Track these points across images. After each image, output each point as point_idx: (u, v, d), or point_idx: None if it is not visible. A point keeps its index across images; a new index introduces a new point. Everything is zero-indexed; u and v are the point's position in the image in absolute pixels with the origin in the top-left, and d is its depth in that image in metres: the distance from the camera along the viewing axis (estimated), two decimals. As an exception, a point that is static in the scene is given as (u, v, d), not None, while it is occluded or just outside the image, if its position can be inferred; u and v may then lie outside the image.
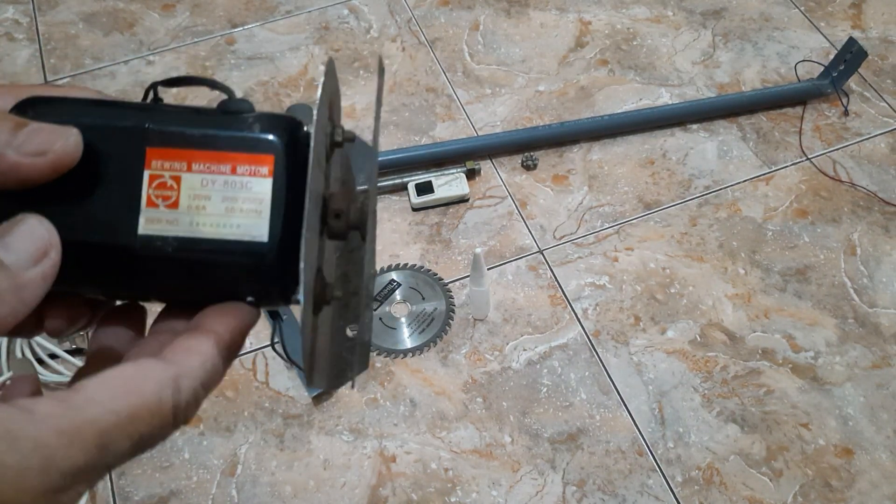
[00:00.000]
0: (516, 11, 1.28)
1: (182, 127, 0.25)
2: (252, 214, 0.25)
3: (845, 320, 0.94)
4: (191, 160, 0.25)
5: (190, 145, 0.25)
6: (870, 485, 0.82)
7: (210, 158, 0.25)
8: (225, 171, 0.25)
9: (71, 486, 0.20)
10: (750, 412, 0.87)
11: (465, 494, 0.82)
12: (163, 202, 0.25)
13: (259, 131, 0.25)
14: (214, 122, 0.26)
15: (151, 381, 0.22)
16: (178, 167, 0.25)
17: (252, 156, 0.25)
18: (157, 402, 0.22)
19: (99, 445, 0.20)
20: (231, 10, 1.29)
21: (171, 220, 0.25)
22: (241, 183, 0.25)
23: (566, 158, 1.09)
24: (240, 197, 0.25)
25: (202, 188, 0.25)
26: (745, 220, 1.03)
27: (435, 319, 0.94)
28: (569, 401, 0.88)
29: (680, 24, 1.26)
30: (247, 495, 0.83)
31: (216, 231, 0.25)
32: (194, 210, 0.25)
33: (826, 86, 1.13)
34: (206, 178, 0.25)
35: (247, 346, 0.93)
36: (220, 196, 0.25)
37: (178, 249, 0.25)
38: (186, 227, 0.25)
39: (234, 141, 0.25)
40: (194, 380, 0.23)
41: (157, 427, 0.22)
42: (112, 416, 0.21)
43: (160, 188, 0.25)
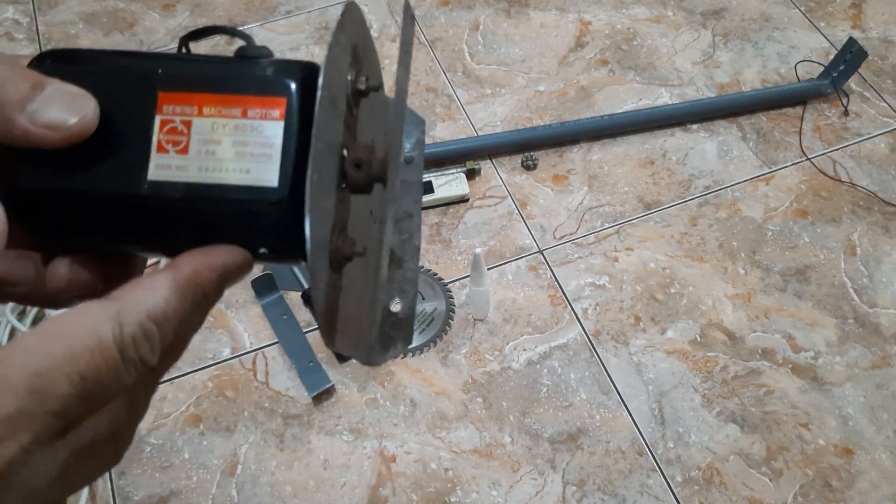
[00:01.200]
0: (516, 11, 1.28)
1: (194, 70, 0.25)
2: (262, 158, 0.24)
3: (845, 320, 0.94)
4: (202, 104, 0.24)
5: (201, 88, 0.24)
6: (870, 485, 0.82)
7: (221, 102, 0.24)
8: (236, 115, 0.24)
9: (9, 434, 0.19)
10: (750, 412, 0.87)
11: (465, 494, 0.82)
12: (173, 147, 0.24)
13: (272, 74, 0.25)
14: (229, 65, 0.25)
15: (88, 318, 0.21)
16: (188, 111, 0.24)
17: (264, 98, 0.24)
18: (96, 339, 0.20)
19: (31, 390, 0.19)
20: (231, 10, 1.29)
21: (181, 165, 0.24)
22: (252, 126, 0.24)
23: (566, 158, 1.09)
24: (250, 141, 0.24)
25: (212, 132, 0.24)
26: (745, 221, 1.03)
27: (435, 319, 0.94)
28: (569, 401, 0.88)
29: (680, 24, 1.26)
30: (247, 495, 0.83)
31: (225, 176, 0.24)
32: (204, 155, 0.24)
33: (826, 86, 1.13)
34: (217, 122, 0.24)
35: (247, 346, 0.93)
36: (231, 140, 0.24)
37: (186, 195, 0.24)
38: (196, 173, 0.24)
39: (246, 83, 0.24)
40: (138, 313, 0.21)
41: (102, 366, 0.20)
42: (44, 360, 0.20)
43: (171, 133, 0.24)
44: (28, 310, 0.94)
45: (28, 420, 0.19)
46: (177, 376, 0.90)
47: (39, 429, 0.20)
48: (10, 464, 0.19)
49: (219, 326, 0.94)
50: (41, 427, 0.20)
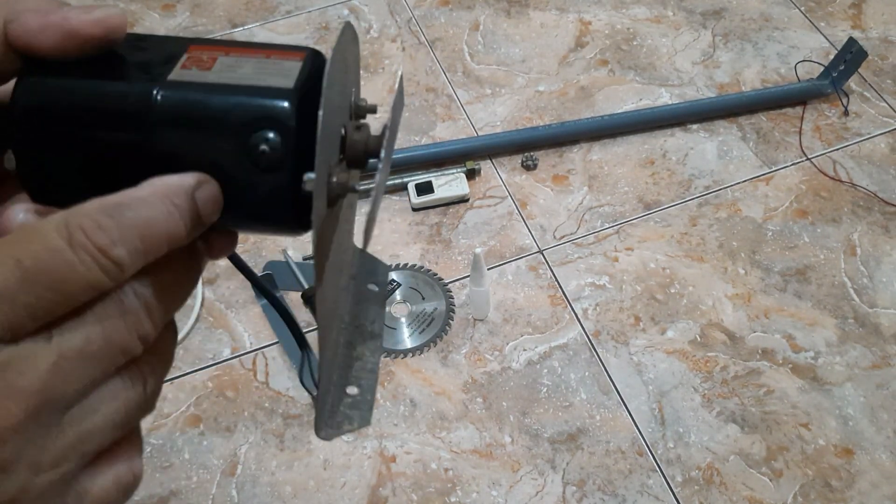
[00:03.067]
0: (516, 11, 1.28)
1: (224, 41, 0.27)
2: (279, 76, 0.25)
3: (845, 320, 0.94)
4: (229, 51, 0.26)
5: (230, 45, 0.27)
6: (870, 485, 0.82)
7: (247, 51, 0.26)
8: (259, 56, 0.26)
9: None
10: (750, 412, 0.87)
11: (465, 494, 0.82)
12: (196, 67, 0.25)
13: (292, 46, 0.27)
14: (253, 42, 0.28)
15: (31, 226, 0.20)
16: (216, 53, 0.26)
17: (285, 52, 0.27)
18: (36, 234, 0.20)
19: None
20: (231, 11, 1.29)
21: (202, 75, 0.25)
22: (274, 62, 0.26)
23: (566, 158, 1.09)
24: (270, 68, 0.26)
25: (236, 62, 0.26)
26: (745, 221, 1.03)
27: (435, 319, 0.94)
28: (569, 401, 0.88)
29: (680, 24, 1.26)
30: (247, 495, 0.83)
31: (243, 81, 0.25)
32: (226, 70, 0.25)
33: (826, 86, 1.13)
34: (241, 59, 0.26)
35: (246, 346, 0.93)
36: (252, 65, 0.26)
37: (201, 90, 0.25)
38: (215, 78, 0.25)
39: (269, 46, 0.27)
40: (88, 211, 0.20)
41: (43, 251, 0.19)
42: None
43: (195, 61, 0.25)
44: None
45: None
46: (177, 376, 0.90)
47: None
48: None
49: (219, 326, 0.94)
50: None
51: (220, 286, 0.98)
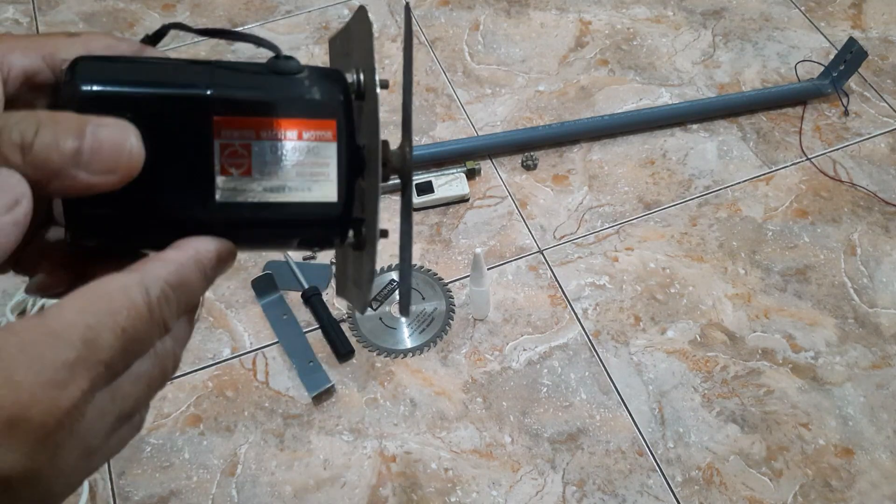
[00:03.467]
0: (516, 11, 1.28)
1: (244, 93, 0.26)
2: (321, 177, 0.27)
3: (845, 320, 0.94)
4: (258, 128, 0.26)
5: (255, 113, 0.26)
6: (870, 485, 0.82)
7: (277, 126, 0.26)
8: (292, 138, 0.26)
9: (69, 379, 0.21)
10: (750, 412, 0.87)
11: (465, 494, 0.82)
12: (236, 170, 0.26)
13: (318, 95, 0.27)
14: (274, 85, 0.27)
15: (118, 284, 0.23)
16: (247, 135, 0.26)
17: (316, 121, 0.27)
18: (128, 299, 0.23)
19: (84, 340, 0.22)
20: (231, 10, 1.29)
21: (245, 188, 0.26)
22: (308, 148, 0.26)
23: (566, 158, 1.09)
24: (308, 161, 0.26)
25: (272, 154, 0.26)
26: (745, 220, 1.03)
27: (435, 319, 0.94)
28: (569, 401, 0.88)
29: (680, 24, 1.26)
30: (247, 495, 0.83)
31: (289, 196, 0.27)
32: (267, 176, 0.26)
33: (826, 86, 1.13)
34: (275, 145, 0.26)
35: (247, 346, 0.93)
36: (290, 162, 0.26)
37: (253, 213, 0.26)
38: (260, 194, 0.26)
39: (296, 107, 0.26)
40: (159, 279, 0.24)
41: (137, 322, 0.23)
42: (89, 315, 0.22)
43: (231, 156, 0.26)
44: (28, 308, 0.94)
45: (84, 366, 0.22)
46: (177, 376, 0.90)
47: (94, 376, 0.22)
48: (71, 409, 0.21)
49: (219, 326, 0.94)
50: (95, 374, 0.22)
51: (219, 286, 0.98)
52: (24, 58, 0.26)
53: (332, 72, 0.28)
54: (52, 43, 0.27)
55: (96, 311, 0.22)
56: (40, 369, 0.21)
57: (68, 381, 0.21)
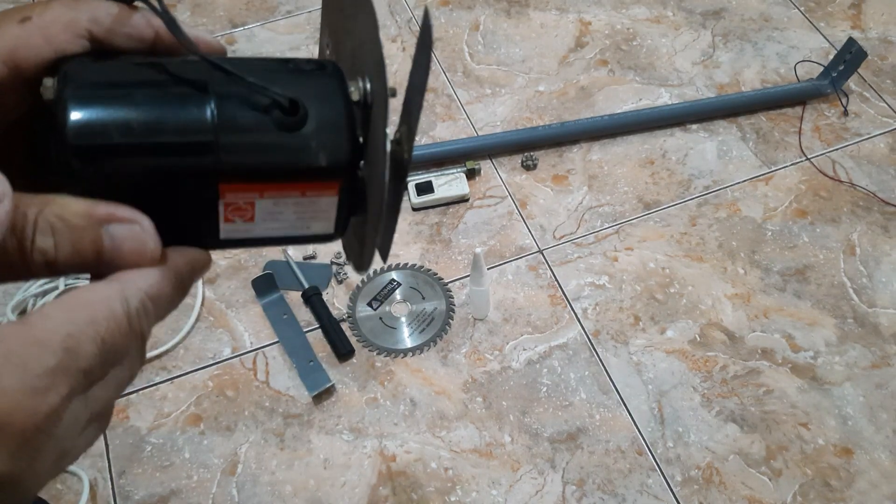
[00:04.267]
0: (516, 12, 1.28)
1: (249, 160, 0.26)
2: (321, 219, 0.28)
3: (844, 320, 0.94)
4: (263, 191, 0.27)
5: (260, 179, 0.27)
6: (869, 484, 0.82)
7: (281, 189, 0.27)
8: (295, 195, 0.27)
9: (50, 386, 0.22)
10: (749, 412, 0.87)
11: (465, 494, 0.82)
12: (239, 219, 0.27)
13: (324, 161, 0.27)
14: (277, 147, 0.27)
15: (100, 294, 0.24)
16: (251, 196, 0.27)
17: (319, 184, 0.27)
18: (109, 310, 0.24)
19: (66, 348, 0.22)
20: (231, 10, 1.29)
21: (248, 229, 0.28)
22: (311, 201, 0.28)
23: (566, 158, 1.10)
24: (309, 210, 0.28)
25: (275, 207, 0.27)
26: (744, 220, 1.03)
27: (435, 319, 0.94)
28: (568, 400, 0.88)
29: (680, 24, 1.26)
30: (247, 494, 0.83)
31: (288, 231, 0.28)
32: (269, 220, 0.28)
33: (826, 86, 1.14)
34: (279, 201, 0.27)
35: (247, 346, 0.93)
36: (292, 210, 0.28)
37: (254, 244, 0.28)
38: (262, 231, 0.28)
39: (301, 173, 0.27)
40: (139, 291, 0.25)
41: (116, 332, 0.24)
42: (71, 324, 0.23)
43: (235, 211, 0.27)
44: (29, 308, 0.94)
45: (65, 374, 0.22)
46: (177, 376, 0.91)
47: (73, 384, 0.22)
48: (49, 414, 0.22)
49: (219, 326, 0.95)
50: (74, 382, 0.22)
51: (220, 286, 0.98)
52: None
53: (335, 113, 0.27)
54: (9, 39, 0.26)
55: (78, 320, 0.23)
56: (23, 377, 0.21)
57: (49, 387, 0.22)
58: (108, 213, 0.24)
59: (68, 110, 0.24)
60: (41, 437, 0.22)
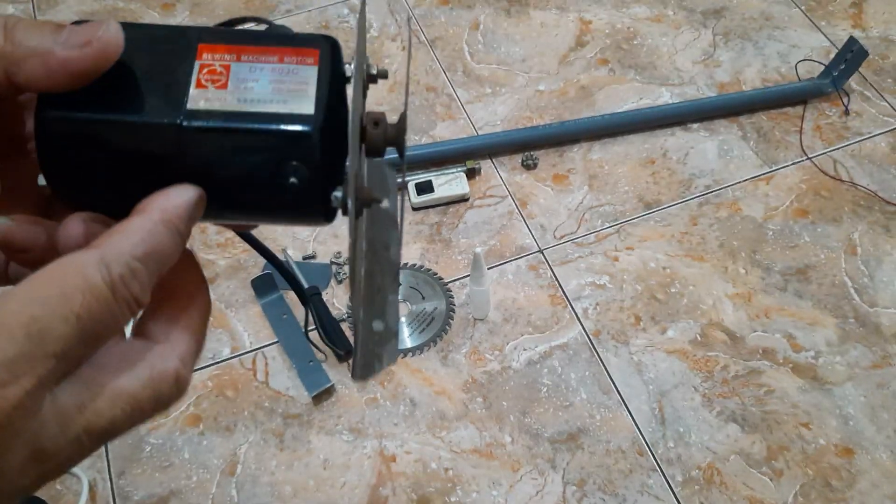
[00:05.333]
0: (516, 10, 1.28)
1: (232, 31, 0.27)
2: (298, 94, 0.26)
3: (846, 320, 0.94)
4: (240, 53, 0.26)
5: (240, 41, 0.26)
6: (870, 485, 0.82)
7: (258, 51, 0.26)
8: (273, 61, 0.26)
9: (9, 379, 0.19)
10: (750, 412, 0.87)
11: (466, 494, 0.82)
12: (212, 84, 0.26)
13: (303, 36, 0.27)
14: (263, 32, 0.27)
15: (74, 265, 0.21)
16: (227, 58, 0.26)
17: (299, 49, 0.26)
18: (85, 280, 0.21)
19: (28, 334, 0.20)
20: (231, 9, 1.29)
21: (220, 98, 0.25)
22: (288, 69, 0.26)
23: (566, 158, 1.09)
24: (286, 80, 0.26)
25: (250, 73, 0.26)
26: (745, 220, 1.03)
27: (435, 319, 0.94)
28: (569, 400, 0.88)
29: (680, 23, 1.26)
30: (247, 495, 0.82)
31: (263, 106, 0.26)
32: (242, 90, 0.26)
33: (827, 85, 1.13)
34: (255, 66, 0.26)
35: (246, 346, 0.93)
36: (268, 78, 0.26)
37: (224, 121, 0.25)
38: (234, 104, 0.25)
39: (281, 40, 0.27)
40: (122, 254, 0.22)
41: (94, 304, 0.21)
42: (38, 305, 0.20)
43: (209, 74, 0.26)
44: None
45: (29, 363, 0.20)
46: (176, 376, 0.90)
47: (42, 372, 0.20)
48: (15, 408, 0.19)
49: (219, 326, 0.94)
50: (43, 370, 0.20)
51: (219, 286, 0.98)
52: None
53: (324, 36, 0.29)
54: None
55: (45, 299, 0.20)
56: None
57: (8, 380, 0.19)
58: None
59: None
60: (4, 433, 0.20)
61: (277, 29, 0.28)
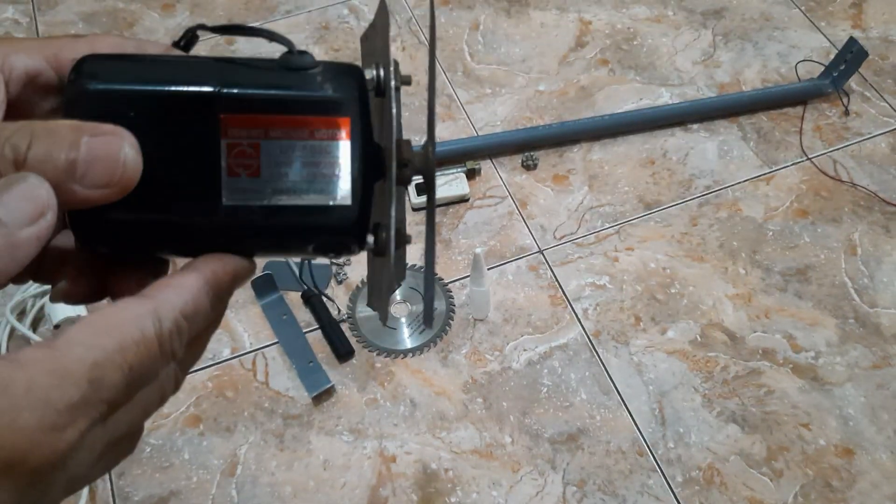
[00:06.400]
0: (516, 11, 1.28)
1: (254, 90, 0.25)
2: (334, 178, 0.25)
3: (846, 320, 0.94)
4: (268, 127, 0.24)
5: (265, 110, 0.25)
6: (870, 485, 0.82)
7: (287, 123, 0.25)
8: (303, 136, 0.25)
9: (70, 422, 0.20)
10: (750, 412, 0.87)
11: (466, 495, 0.82)
12: (244, 171, 0.24)
13: (332, 91, 0.25)
14: (284, 82, 0.25)
15: (130, 314, 0.23)
16: (255, 134, 0.24)
17: (329, 119, 0.25)
18: (140, 333, 0.22)
19: (90, 380, 0.21)
20: (231, 10, 1.29)
21: (254, 189, 0.25)
22: (321, 147, 0.25)
23: (566, 158, 1.09)
24: (321, 161, 0.25)
25: (282, 154, 0.25)
26: (745, 220, 1.03)
27: (435, 319, 0.94)
28: (569, 401, 0.88)
29: (680, 23, 1.26)
30: (246, 496, 0.82)
31: (301, 198, 0.25)
32: (276, 177, 0.25)
33: (827, 85, 1.13)
34: (285, 145, 0.25)
35: (246, 347, 0.93)
36: (301, 162, 0.25)
37: (263, 217, 0.25)
38: (270, 196, 0.25)
39: (308, 104, 0.25)
40: (173, 310, 0.23)
41: (146, 357, 0.22)
42: (98, 352, 0.21)
43: (240, 156, 0.24)
44: (28, 309, 0.94)
45: (86, 407, 0.21)
46: (176, 376, 0.90)
47: (95, 416, 0.21)
48: (69, 448, 0.21)
49: (218, 326, 0.94)
50: (96, 414, 0.21)
51: (219, 286, 0.97)
52: (27, 59, 0.26)
53: (348, 67, 0.26)
54: (57, 44, 0.26)
55: (105, 347, 0.22)
56: (44, 413, 0.20)
57: (69, 423, 0.21)
58: (94, 127, 0.23)
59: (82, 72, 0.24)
60: (54, 472, 0.21)
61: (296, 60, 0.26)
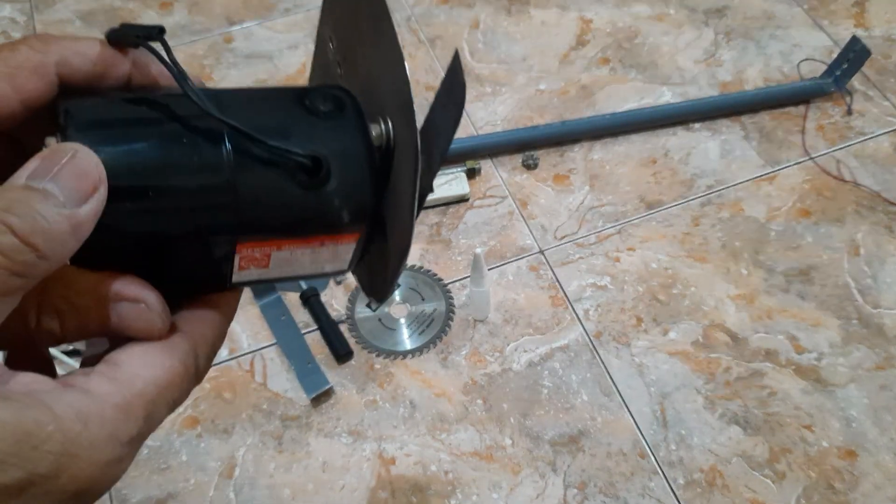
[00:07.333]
0: (517, 9, 1.27)
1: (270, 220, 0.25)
2: (337, 261, 0.28)
3: (849, 321, 0.93)
4: (280, 244, 0.26)
5: (280, 236, 0.26)
6: (873, 487, 0.81)
7: (298, 243, 0.26)
8: (314, 245, 0.27)
9: (128, 454, 0.22)
10: (753, 414, 0.86)
11: (466, 497, 0.82)
12: (254, 266, 0.27)
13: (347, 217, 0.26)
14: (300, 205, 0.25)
15: (178, 350, 0.24)
16: (267, 249, 0.26)
17: (338, 237, 0.27)
18: (184, 369, 0.24)
19: (146, 416, 0.23)
20: (229, 8, 1.29)
21: (261, 273, 0.27)
22: (328, 249, 0.27)
23: (567, 158, 1.09)
24: (325, 254, 0.27)
25: (290, 255, 0.27)
26: (747, 220, 1.02)
27: (435, 320, 0.93)
28: (570, 402, 0.88)
29: (682, 22, 1.25)
30: (245, 498, 0.82)
31: (301, 272, 0.28)
32: (284, 265, 0.27)
33: (829, 85, 1.13)
34: (296, 252, 0.27)
35: (245, 348, 0.92)
36: (308, 258, 0.27)
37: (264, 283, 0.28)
38: (276, 273, 0.27)
39: (322, 228, 0.26)
40: (206, 345, 0.25)
41: (186, 391, 0.24)
42: (153, 388, 0.23)
43: (250, 261, 0.26)
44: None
45: (140, 440, 0.23)
46: (174, 378, 0.90)
47: (140, 445, 0.23)
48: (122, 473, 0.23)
49: (217, 327, 0.94)
50: (141, 443, 0.23)
51: (218, 286, 0.97)
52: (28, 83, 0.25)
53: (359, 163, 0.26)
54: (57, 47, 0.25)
55: (159, 383, 0.23)
56: (113, 448, 0.21)
57: (126, 456, 0.22)
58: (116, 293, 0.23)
59: None
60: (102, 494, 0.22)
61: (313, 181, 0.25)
